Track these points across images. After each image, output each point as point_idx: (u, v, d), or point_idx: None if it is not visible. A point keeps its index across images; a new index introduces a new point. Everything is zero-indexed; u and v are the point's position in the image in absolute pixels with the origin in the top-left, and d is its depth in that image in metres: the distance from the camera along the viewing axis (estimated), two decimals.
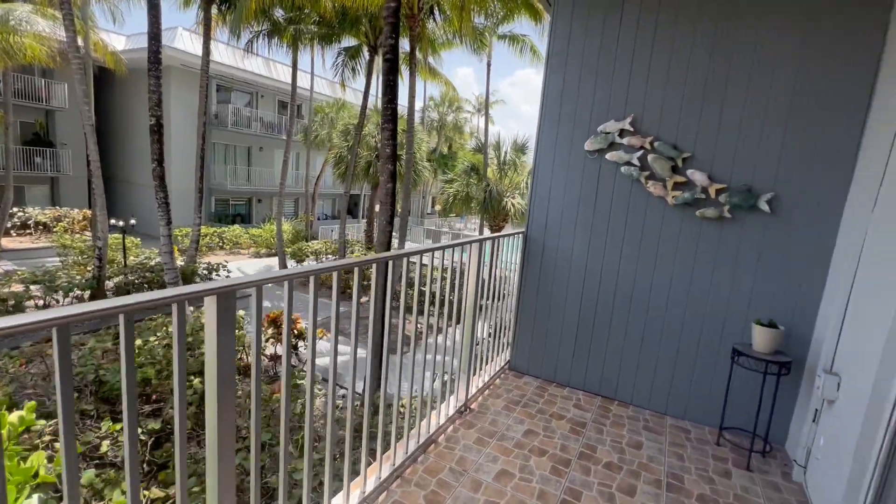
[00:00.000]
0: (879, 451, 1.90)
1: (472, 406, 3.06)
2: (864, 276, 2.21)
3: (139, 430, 5.06)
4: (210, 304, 1.22)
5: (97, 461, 4.60)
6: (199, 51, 11.92)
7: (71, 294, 9.63)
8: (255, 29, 13.50)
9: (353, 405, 1.93)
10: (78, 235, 15.63)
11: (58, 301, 9.64)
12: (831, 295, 2.57)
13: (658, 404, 3.20)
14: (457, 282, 2.86)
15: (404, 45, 13.77)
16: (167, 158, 19.51)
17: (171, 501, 3.82)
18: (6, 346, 7.21)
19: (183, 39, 18.56)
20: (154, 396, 6.12)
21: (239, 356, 8.33)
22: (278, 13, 13.67)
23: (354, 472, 2.08)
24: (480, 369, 3.36)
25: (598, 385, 3.39)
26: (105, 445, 4.74)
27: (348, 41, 15.19)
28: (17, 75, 16.55)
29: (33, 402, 2.45)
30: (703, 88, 2.87)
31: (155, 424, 5.20)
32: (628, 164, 3.09)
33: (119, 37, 19.33)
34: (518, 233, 3.52)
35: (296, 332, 8.88)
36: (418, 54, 14.34)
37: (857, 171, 2.52)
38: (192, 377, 6.11)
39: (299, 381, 7.08)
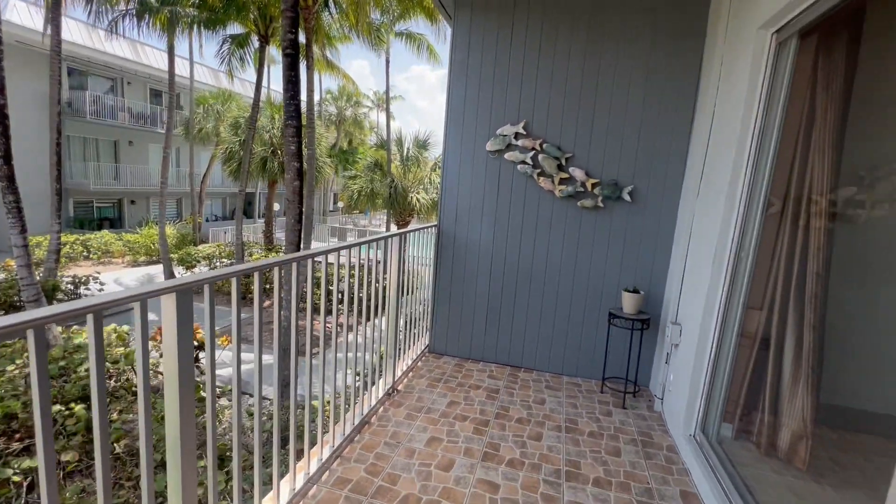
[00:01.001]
0: (704, 378, 2.58)
1: (399, 388, 3.31)
2: (693, 247, 2.93)
3: (11, 471, 4.40)
4: (169, 303, 1.30)
5: None
6: (40, 27, 10.11)
7: None
8: (120, 8, 11.88)
9: (259, 410, 2.05)
10: None
11: None
12: (675, 263, 3.31)
13: (556, 367, 3.77)
14: (371, 278, 3.06)
15: (300, 37, 13.24)
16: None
17: None
18: None
19: (18, 12, 15.51)
20: (20, 433, 5.31)
21: (126, 376, 7.47)
22: None
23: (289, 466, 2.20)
24: (404, 354, 3.62)
25: (507, 356, 3.87)
26: None
27: (234, 28, 14.13)
28: None
29: None
30: (579, 98, 3.44)
31: (32, 462, 4.56)
32: (523, 162, 3.56)
33: None
34: (432, 226, 3.83)
35: (196, 342, 8.19)
36: (315, 48, 13.89)
37: (687, 168, 3.27)
38: (73, 404, 5.40)
39: (203, 394, 6.63)
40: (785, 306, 2.14)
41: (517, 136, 3.56)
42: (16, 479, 4.40)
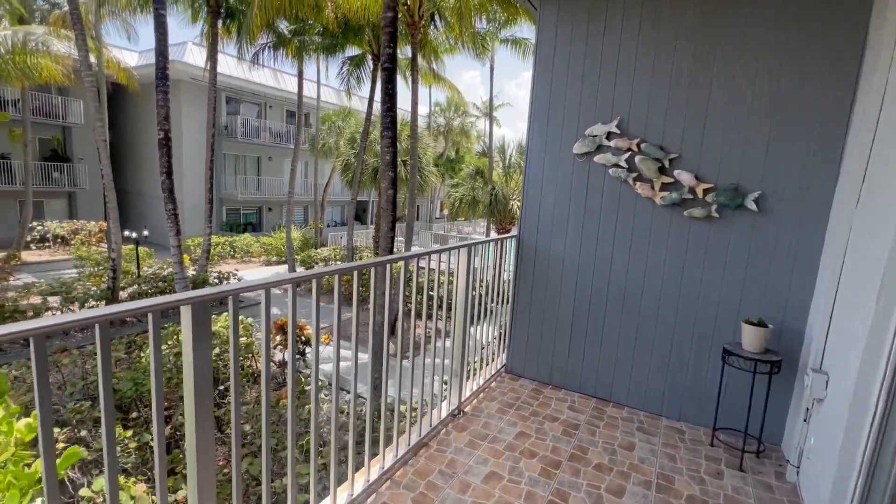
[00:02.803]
0: (864, 451, 1.89)
1: (466, 409, 3.09)
2: (849, 271, 2.20)
3: (148, 438, 5.18)
4: (185, 314, 1.29)
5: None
6: (215, 68, 12.26)
7: (87, 304, 9.89)
8: (261, 42, 13.78)
9: (355, 409, 1.98)
10: (94, 247, 16.05)
11: (72, 311, 9.92)
12: (820, 292, 2.55)
13: (653, 405, 3.19)
14: (451, 287, 2.91)
15: (406, 51, 13.94)
16: (180, 171, 19.95)
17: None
18: (25, 357, 7.46)
19: (193, 54, 19.00)
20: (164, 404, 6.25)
21: (249, 363, 8.49)
22: (283, 25, 13.95)
23: (344, 477, 2.13)
24: (476, 373, 3.40)
25: (594, 387, 3.40)
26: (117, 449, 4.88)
27: (352, 51, 15.41)
28: (35, 94, 17.13)
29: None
30: (688, 88, 2.88)
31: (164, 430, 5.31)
32: (616, 166, 3.10)
33: (132, 53, 19.87)
34: (511, 236, 3.56)
35: (303, 338, 9.01)
36: (421, 61, 14.48)
37: (843, 167, 2.50)
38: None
39: (306, 388, 7.18)
40: None
41: (609, 135, 3.12)
42: (150, 444, 5.19)
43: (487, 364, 3.63)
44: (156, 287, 11.18)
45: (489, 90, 18.82)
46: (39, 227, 17.27)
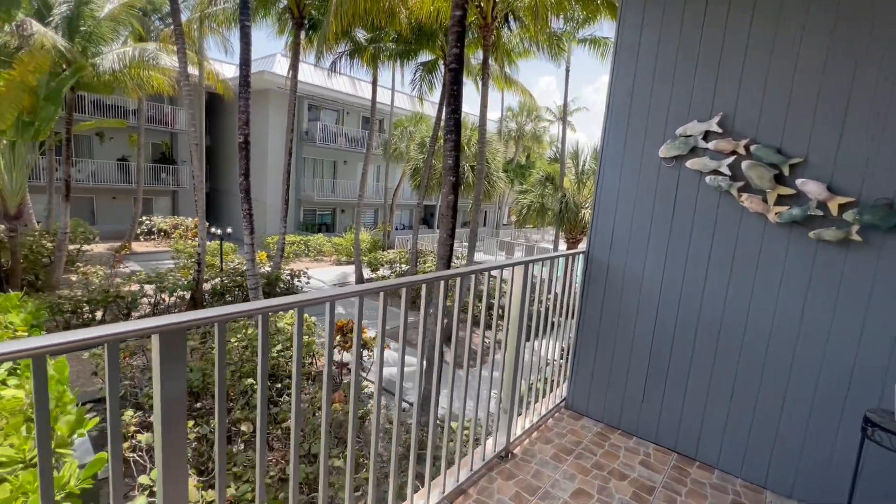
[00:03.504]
0: None
1: (515, 451, 2.68)
2: None
3: (208, 427, 5.33)
4: (154, 342, 1.06)
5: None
6: (296, 76, 13.01)
7: (174, 294, 10.81)
8: (339, 50, 14.32)
9: (417, 421, 1.70)
10: (190, 241, 17.72)
11: (164, 300, 10.88)
12: None
13: (754, 473, 2.55)
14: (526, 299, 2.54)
15: (478, 56, 13.69)
16: (264, 173, 21.40)
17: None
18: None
19: (280, 65, 20.39)
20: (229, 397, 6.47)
21: (310, 361, 8.69)
22: (360, 34, 14.39)
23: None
24: (529, 407, 2.97)
25: (675, 439, 2.81)
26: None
27: (425, 56, 15.50)
28: (150, 103, 19.41)
29: (83, 408, 2.59)
30: (821, 74, 2.24)
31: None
32: (715, 172, 2.53)
33: (230, 66, 21.81)
34: (578, 252, 3.09)
35: (363, 341, 9.06)
36: (493, 64, 14.15)
37: None
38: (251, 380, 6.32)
39: (362, 395, 7.12)
40: None
41: (707, 136, 2.55)
42: (209, 436, 5.35)
43: (544, 395, 3.18)
44: (234, 281, 11.94)
45: (564, 94, 18.00)
46: (147, 222, 19.46)
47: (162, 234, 19.63)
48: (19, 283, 10.47)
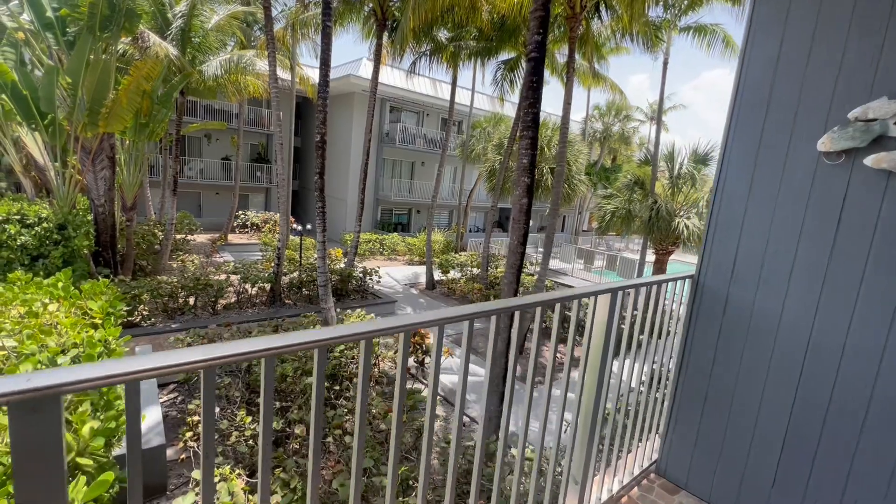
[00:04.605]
0: None
1: None
2: None
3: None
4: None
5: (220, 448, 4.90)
6: (377, 77, 13.22)
7: (256, 285, 11.42)
8: (419, 50, 14.27)
9: (483, 443, 1.25)
10: (277, 236, 18.94)
11: (247, 290, 11.55)
12: None
13: None
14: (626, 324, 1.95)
15: (563, 51, 12.79)
16: (347, 173, 22.20)
17: None
18: (197, 326, 8.84)
19: (366, 68, 21.06)
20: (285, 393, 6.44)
21: (374, 363, 8.58)
22: (442, 34, 14.22)
23: None
24: (609, 467, 2.32)
25: None
26: (233, 437, 5.10)
27: (506, 55, 14.92)
28: (250, 107, 21.14)
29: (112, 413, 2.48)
30: None
31: (276, 424, 5.38)
32: None
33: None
34: (683, 277, 2.37)
35: (423, 347, 8.77)
36: (580, 59, 13.16)
37: None
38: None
39: (418, 404, 6.79)
40: None
41: None
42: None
43: (630, 451, 2.51)
44: (310, 276, 12.37)
45: (660, 89, 16.29)
46: (242, 216, 21.19)
47: (254, 227, 21.25)
48: (132, 266, 11.75)
